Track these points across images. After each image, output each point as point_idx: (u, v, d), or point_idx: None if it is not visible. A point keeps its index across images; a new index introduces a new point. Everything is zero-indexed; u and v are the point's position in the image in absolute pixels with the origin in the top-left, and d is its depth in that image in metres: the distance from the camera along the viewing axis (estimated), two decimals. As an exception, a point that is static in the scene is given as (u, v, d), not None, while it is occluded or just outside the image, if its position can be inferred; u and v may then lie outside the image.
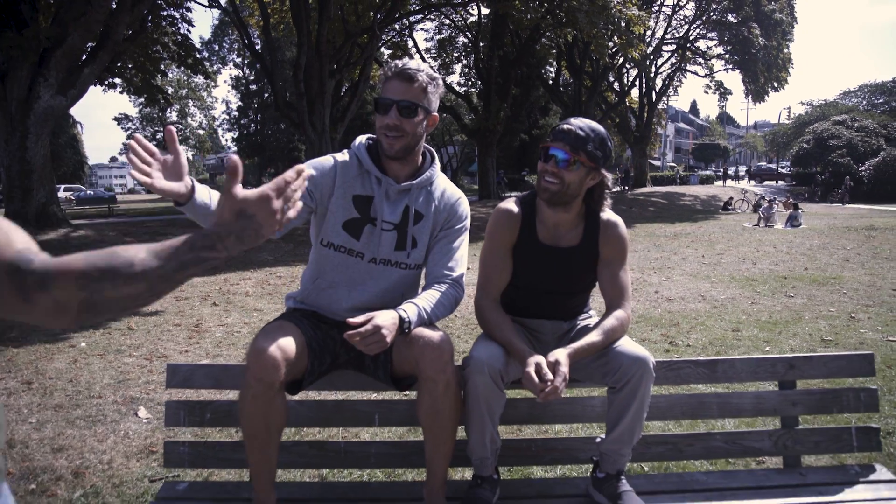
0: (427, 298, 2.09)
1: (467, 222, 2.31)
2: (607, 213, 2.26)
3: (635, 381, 1.98)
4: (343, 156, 2.22)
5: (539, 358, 1.95)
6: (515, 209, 2.24)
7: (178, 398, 2.40)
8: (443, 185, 2.29)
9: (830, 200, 34.90)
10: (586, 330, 2.14)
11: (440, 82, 2.19)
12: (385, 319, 1.88)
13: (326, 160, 2.19)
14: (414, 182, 2.19)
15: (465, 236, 2.31)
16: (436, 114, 2.20)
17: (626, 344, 2.09)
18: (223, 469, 2.59)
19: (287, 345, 1.92)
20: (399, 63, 2.12)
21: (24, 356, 5.72)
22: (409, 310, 1.99)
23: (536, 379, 1.89)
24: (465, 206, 2.31)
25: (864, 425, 2.39)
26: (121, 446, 3.72)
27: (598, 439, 2.22)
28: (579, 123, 2.12)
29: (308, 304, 2.25)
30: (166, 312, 7.64)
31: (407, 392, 2.17)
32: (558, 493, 2.20)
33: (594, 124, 2.14)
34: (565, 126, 2.12)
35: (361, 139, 2.26)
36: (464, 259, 2.28)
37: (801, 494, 2.20)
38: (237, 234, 1.04)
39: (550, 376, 1.89)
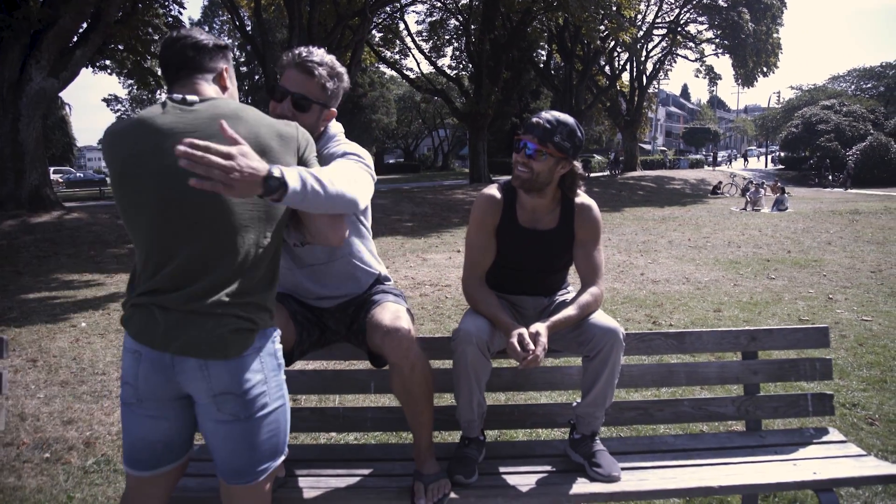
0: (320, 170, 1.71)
1: (351, 148, 2.07)
2: (581, 198, 2.46)
3: (607, 350, 2.19)
4: None
5: (521, 329, 2.15)
6: (497, 195, 2.43)
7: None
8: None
9: (832, 185, 34.60)
10: (564, 305, 2.34)
11: (344, 77, 2.13)
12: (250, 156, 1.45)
13: None
14: None
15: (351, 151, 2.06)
16: (334, 109, 2.15)
17: (599, 317, 2.30)
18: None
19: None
20: (303, 51, 2.06)
21: (27, 335, 5.89)
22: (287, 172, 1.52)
23: (519, 348, 2.10)
24: (343, 139, 2.17)
25: (818, 392, 2.61)
26: (127, 418, 3.91)
27: (575, 404, 2.43)
28: (548, 116, 2.30)
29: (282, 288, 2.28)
30: (163, 293, 7.81)
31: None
32: (538, 453, 2.42)
33: (563, 117, 2.31)
34: (535, 119, 2.31)
35: None
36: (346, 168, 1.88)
37: (760, 454, 2.41)
38: None
39: (532, 346, 2.09)
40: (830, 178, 35.69)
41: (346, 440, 3.42)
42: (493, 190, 2.45)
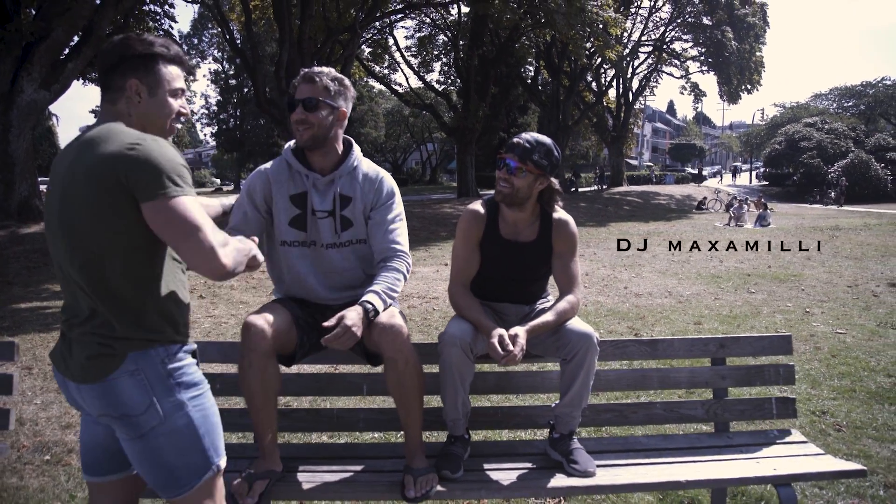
0: (383, 280, 2.38)
1: (396, 196, 2.56)
2: (559, 213, 2.65)
3: (582, 354, 2.37)
4: (273, 163, 2.53)
5: (501, 331, 2.33)
6: (481, 210, 2.64)
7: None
8: (365, 168, 2.57)
9: (830, 203, 34.03)
10: (543, 312, 2.52)
11: (347, 83, 2.45)
12: (352, 317, 2.18)
13: (258, 174, 2.51)
14: (336, 171, 2.50)
15: (398, 209, 2.55)
16: (344, 109, 2.46)
17: (576, 323, 2.48)
18: (232, 433, 2.92)
19: (274, 319, 2.29)
20: (318, 70, 2.40)
21: (21, 344, 5.95)
22: (372, 299, 2.28)
23: (499, 349, 2.27)
24: (388, 183, 2.56)
25: (782, 396, 2.78)
26: (124, 424, 4.03)
27: (553, 405, 2.60)
28: (528, 137, 2.51)
29: (293, 295, 2.59)
30: (154, 304, 7.90)
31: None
32: (520, 452, 2.58)
33: (542, 137, 2.52)
34: (516, 139, 2.52)
35: (290, 144, 2.55)
36: (402, 229, 2.54)
37: (728, 453, 2.58)
38: None
39: (511, 346, 2.28)
40: (829, 195, 35.03)
41: (340, 440, 3.58)
42: (477, 205, 2.64)
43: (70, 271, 1.67)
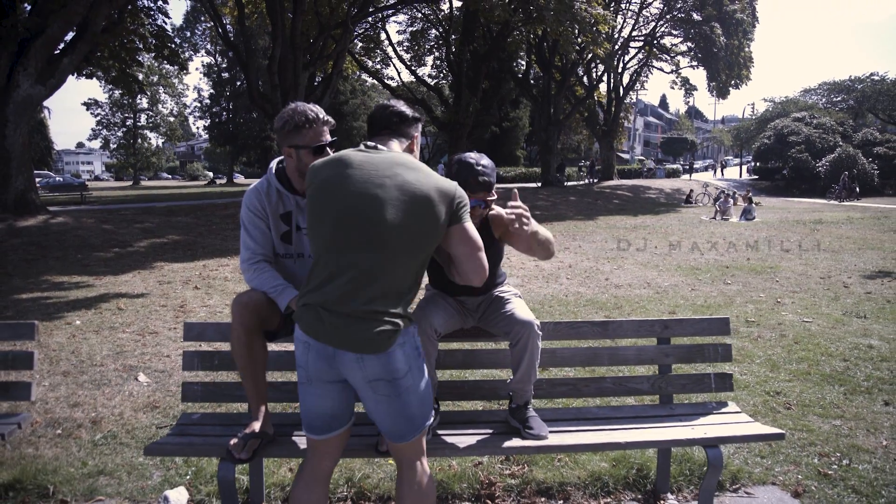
0: None
1: None
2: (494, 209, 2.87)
3: (524, 339, 2.70)
4: (263, 184, 2.77)
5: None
6: None
7: (192, 349, 3.06)
8: None
9: (828, 196, 33.17)
10: (502, 298, 2.85)
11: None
12: None
13: (256, 194, 2.74)
14: None
15: None
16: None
17: (520, 311, 2.79)
18: (228, 403, 3.27)
19: (258, 298, 2.62)
20: (315, 111, 2.61)
21: (26, 332, 6.26)
22: None
23: (504, 214, 2.52)
24: None
25: (720, 372, 3.12)
26: (128, 403, 4.35)
27: (508, 381, 2.92)
28: (483, 165, 2.73)
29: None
30: (152, 295, 8.21)
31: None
32: (484, 419, 2.91)
33: (479, 159, 2.76)
34: (483, 178, 2.69)
35: (273, 165, 2.80)
36: None
37: (670, 421, 2.92)
38: None
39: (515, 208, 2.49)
40: (854, 189, 33.44)
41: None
42: None
43: (372, 262, 2.06)
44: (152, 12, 20.87)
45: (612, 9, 30.28)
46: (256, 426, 2.58)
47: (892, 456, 3.59)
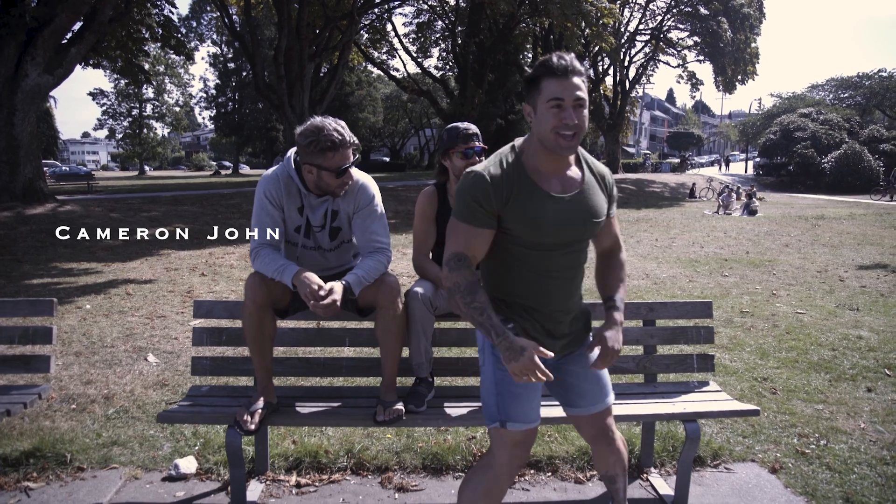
0: (363, 268, 2.78)
1: (375, 199, 2.89)
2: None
3: None
4: (280, 174, 2.83)
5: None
6: (433, 190, 3.17)
7: (202, 326, 3.23)
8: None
9: (873, 193, 31.06)
10: None
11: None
12: (338, 292, 2.62)
13: (274, 181, 2.81)
14: (327, 195, 2.86)
15: (378, 209, 2.89)
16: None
17: None
18: (235, 377, 3.44)
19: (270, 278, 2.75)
20: (342, 133, 2.65)
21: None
22: (352, 280, 2.71)
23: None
24: (367, 189, 2.87)
25: (702, 353, 3.28)
26: (138, 381, 4.54)
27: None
28: (471, 126, 3.12)
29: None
30: (159, 281, 8.40)
31: (366, 321, 3.02)
32: (477, 394, 3.05)
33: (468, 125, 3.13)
34: (468, 131, 3.10)
35: (292, 154, 2.86)
36: (383, 227, 2.90)
37: (654, 398, 3.08)
38: None
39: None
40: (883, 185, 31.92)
41: (325, 383, 4.13)
42: (430, 189, 3.18)
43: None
44: (159, 2, 21.01)
45: (618, 2, 30.28)
46: (263, 397, 2.74)
47: (869, 438, 3.75)
